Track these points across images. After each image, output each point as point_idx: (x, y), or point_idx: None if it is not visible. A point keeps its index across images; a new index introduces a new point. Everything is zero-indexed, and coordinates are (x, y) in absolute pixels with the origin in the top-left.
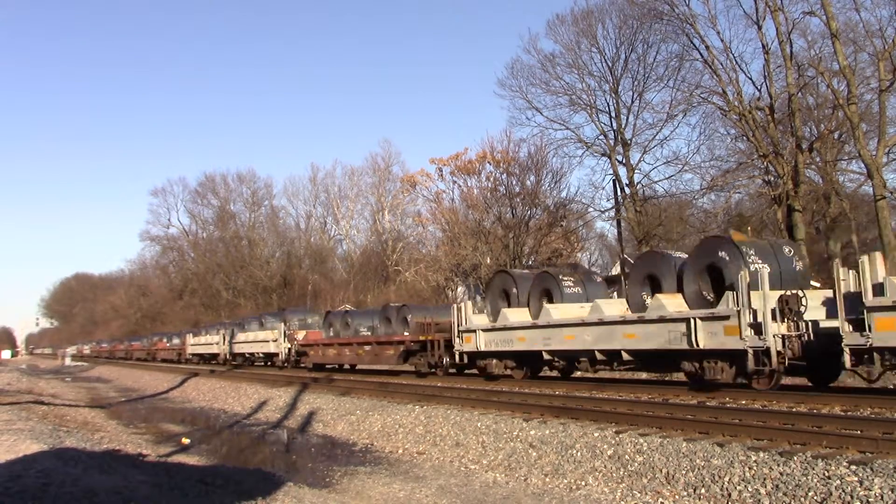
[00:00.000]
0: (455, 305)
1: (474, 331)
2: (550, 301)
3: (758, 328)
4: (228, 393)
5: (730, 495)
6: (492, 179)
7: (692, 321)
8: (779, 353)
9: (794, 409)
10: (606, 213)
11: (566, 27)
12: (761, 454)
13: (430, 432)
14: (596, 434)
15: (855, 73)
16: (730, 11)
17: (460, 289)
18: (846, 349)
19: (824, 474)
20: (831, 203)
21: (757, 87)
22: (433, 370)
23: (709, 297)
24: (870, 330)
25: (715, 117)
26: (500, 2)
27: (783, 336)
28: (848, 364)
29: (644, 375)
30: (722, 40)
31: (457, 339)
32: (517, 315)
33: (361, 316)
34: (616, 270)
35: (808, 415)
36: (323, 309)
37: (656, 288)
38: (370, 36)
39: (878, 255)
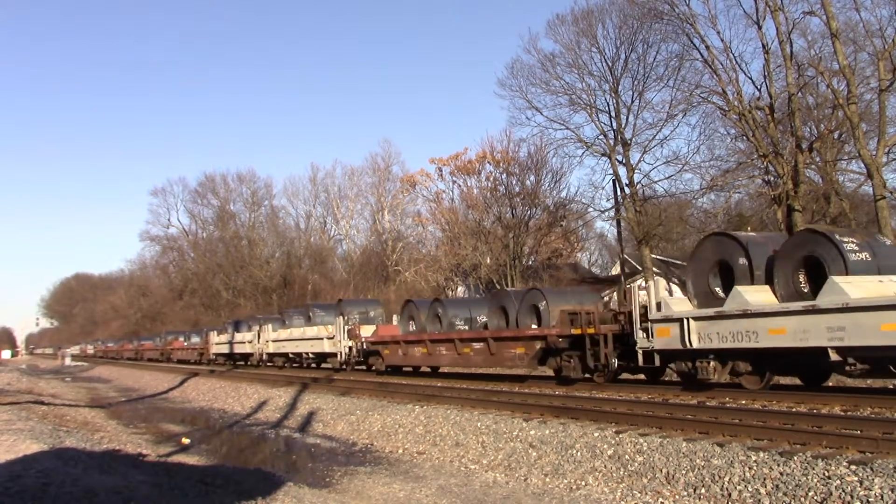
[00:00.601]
0: (637, 285)
1: (678, 320)
2: (817, 275)
3: None
4: (228, 393)
5: (730, 495)
6: (492, 179)
7: None
8: None
9: (794, 410)
10: (606, 213)
11: (566, 27)
12: (761, 454)
13: (430, 432)
14: (596, 434)
15: (855, 72)
16: (730, 11)
17: (460, 289)
18: None
19: (824, 474)
20: (831, 203)
21: (757, 87)
22: (588, 375)
23: None
24: None
25: (715, 117)
26: (500, 2)
27: None
28: None
29: (642, 375)
30: (722, 40)
31: (639, 333)
32: (759, 295)
33: (457, 306)
34: (616, 270)
35: (808, 415)
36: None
37: None
38: (370, 36)
39: None
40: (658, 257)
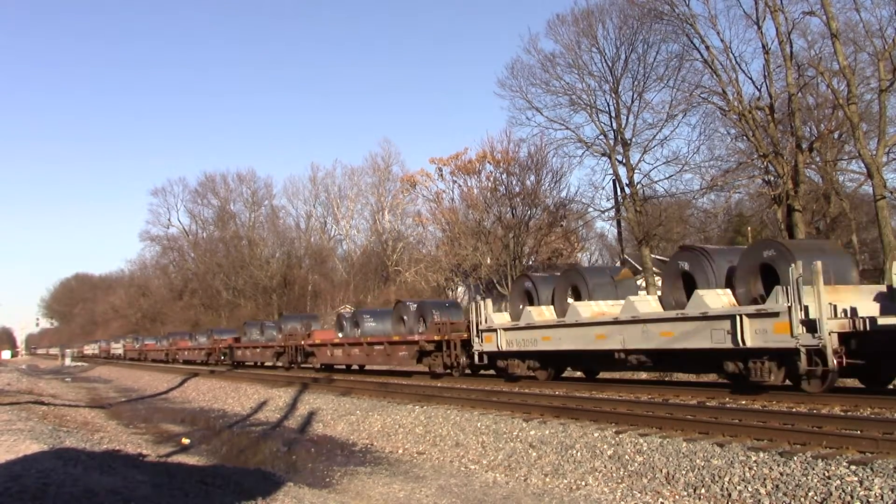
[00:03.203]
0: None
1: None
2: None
3: None
4: (228, 393)
5: (730, 495)
6: (492, 179)
7: None
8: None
9: (794, 410)
10: (606, 213)
11: (566, 27)
12: (761, 454)
13: (430, 432)
14: (596, 434)
15: (855, 73)
16: (730, 11)
17: (460, 289)
18: None
19: (824, 474)
20: (831, 203)
21: (757, 87)
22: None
23: None
24: None
25: (715, 117)
26: (500, 2)
27: None
28: None
29: (644, 375)
30: (722, 40)
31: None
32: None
33: None
34: None
35: (808, 415)
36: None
37: None
38: (370, 36)
39: None
40: (658, 257)
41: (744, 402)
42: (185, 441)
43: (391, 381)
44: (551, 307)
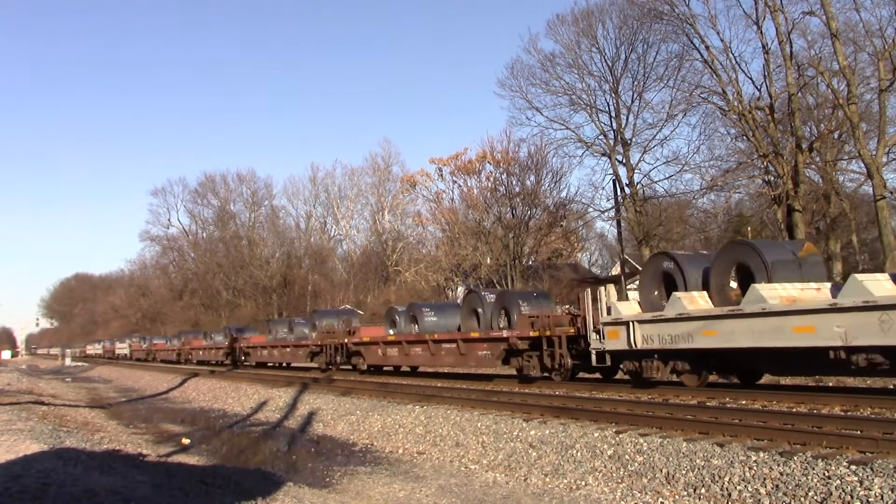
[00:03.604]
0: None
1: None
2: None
3: None
4: (228, 393)
5: (730, 495)
6: (492, 179)
7: None
8: None
9: (794, 410)
10: (606, 213)
11: (566, 27)
12: (761, 454)
13: (430, 432)
14: (596, 434)
15: (855, 72)
16: (730, 11)
17: (460, 289)
18: None
19: (824, 474)
20: (831, 203)
21: (757, 87)
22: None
23: None
24: None
25: (715, 117)
26: (500, 2)
27: None
28: None
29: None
30: (722, 40)
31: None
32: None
33: None
34: (616, 270)
35: (808, 415)
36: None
37: None
38: (370, 36)
39: None
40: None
41: (744, 402)
42: (185, 441)
43: (391, 381)
44: (704, 293)
